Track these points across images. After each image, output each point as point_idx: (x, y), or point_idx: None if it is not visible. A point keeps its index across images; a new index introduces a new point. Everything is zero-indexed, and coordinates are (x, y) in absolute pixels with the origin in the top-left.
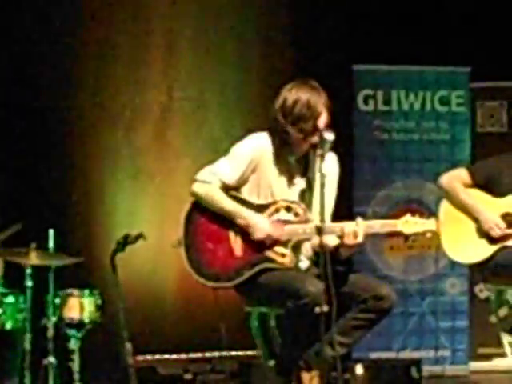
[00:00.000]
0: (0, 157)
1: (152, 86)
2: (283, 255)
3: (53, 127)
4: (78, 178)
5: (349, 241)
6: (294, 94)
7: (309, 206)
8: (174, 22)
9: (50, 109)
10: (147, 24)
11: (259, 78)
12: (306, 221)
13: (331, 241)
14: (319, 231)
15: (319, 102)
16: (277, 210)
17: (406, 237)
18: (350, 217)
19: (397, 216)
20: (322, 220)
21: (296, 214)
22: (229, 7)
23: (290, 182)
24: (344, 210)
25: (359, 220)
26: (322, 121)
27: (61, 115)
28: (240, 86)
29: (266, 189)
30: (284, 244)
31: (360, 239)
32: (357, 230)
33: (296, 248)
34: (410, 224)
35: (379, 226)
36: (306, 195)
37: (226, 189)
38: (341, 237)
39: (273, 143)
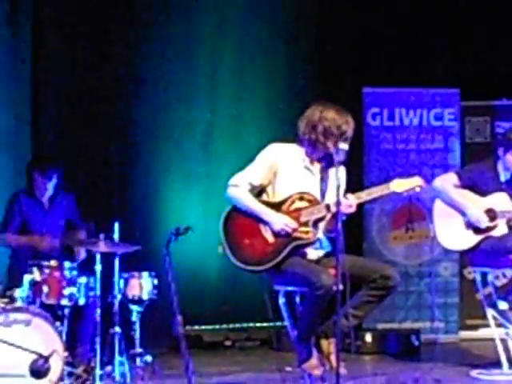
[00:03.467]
0: (78, 170)
1: (199, 105)
2: (307, 232)
3: (120, 139)
4: (139, 181)
5: (348, 210)
6: (336, 116)
7: (323, 196)
8: (216, 54)
9: (119, 124)
10: (195, 53)
11: (286, 99)
12: (318, 203)
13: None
14: (328, 208)
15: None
16: (293, 202)
17: (407, 228)
18: (361, 211)
19: (400, 212)
20: (338, 208)
21: (309, 201)
22: (261, 44)
23: (307, 178)
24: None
25: (350, 195)
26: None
27: (126, 129)
28: (270, 106)
29: (288, 185)
30: (305, 224)
31: (354, 207)
32: (350, 201)
33: (315, 224)
34: (400, 184)
35: (377, 190)
36: (320, 189)
37: (255, 189)
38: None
39: (294, 149)
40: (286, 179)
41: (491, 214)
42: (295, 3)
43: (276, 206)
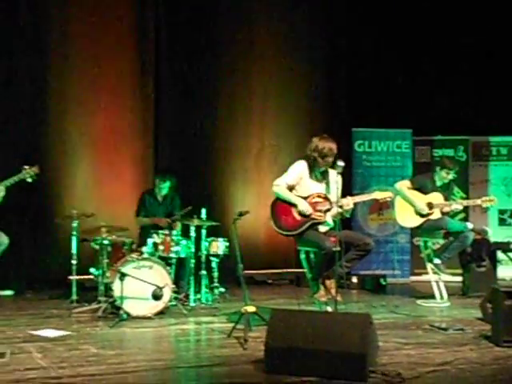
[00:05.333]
0: (184, 177)
1: (252, 136)
2: (320, 216)
3: (206, 160)
4: (217, 184)
5: (346, 207)
6: (323, 143)
7: (328, 194)
8: (266, 100)
9: (207, 150)
10: (252, 101)
11: (308, 136)
12: (328, 200)
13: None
14: (331, 204)
15: (334, 148)
16: (313, 197)
17: (379, 213)
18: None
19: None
20: (338, 201)
21: (323, 198)
22: (288, 104)
23: (319, 182)
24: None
25: (349, 197)
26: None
27: (211, 152)
28: (297, 139)
29: (307, 186)
30: (320, 211)
31: (351, 205)
32: (348, 201)
33: (326, 212)
34: (379, 194)
35: (365, 196)
36: (326, 189)
37: (288, 187)
38: (341, 206)
39: (308, 165)
40: (306, 182)
41: (430, 205)
42: (308, 73)
43: (304, 198)
